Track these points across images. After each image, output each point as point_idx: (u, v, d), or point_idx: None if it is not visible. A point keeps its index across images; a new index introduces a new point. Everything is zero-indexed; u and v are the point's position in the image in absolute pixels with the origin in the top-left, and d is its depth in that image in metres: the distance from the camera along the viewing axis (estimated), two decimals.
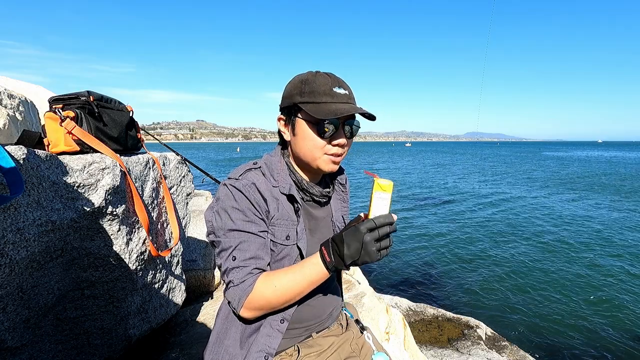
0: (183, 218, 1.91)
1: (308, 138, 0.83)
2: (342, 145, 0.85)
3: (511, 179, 21.26)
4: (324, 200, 0.94)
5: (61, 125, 1.17)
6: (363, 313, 1.99)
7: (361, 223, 0.73)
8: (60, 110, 1.19)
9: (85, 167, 1.15)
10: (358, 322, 1.08)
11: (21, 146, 0.96)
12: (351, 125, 0.85)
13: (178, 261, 1.86)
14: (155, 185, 1.57)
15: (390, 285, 5.91)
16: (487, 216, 11.07)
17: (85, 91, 1.29)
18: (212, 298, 2.45)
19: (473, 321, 3.61)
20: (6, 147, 0.88)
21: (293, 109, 0.85)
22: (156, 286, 1.64)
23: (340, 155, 0.86)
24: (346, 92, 0.83)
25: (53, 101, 1.24)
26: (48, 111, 1.21)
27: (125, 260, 1.33)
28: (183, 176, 1.91)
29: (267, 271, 0.82)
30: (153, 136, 2.44)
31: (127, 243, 1.34)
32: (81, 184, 1.14)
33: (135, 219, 1.38)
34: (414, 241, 8.39)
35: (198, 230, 2.82)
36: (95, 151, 1.24)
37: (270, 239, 0.85)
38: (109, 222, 1.25)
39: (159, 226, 1.60)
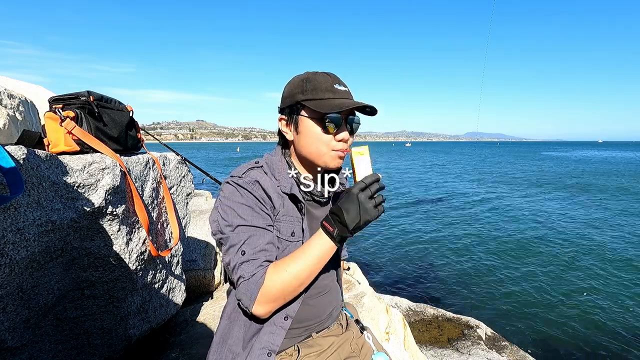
0: (183, 218, 1.91)
1: (313, 134, 0.85)
2: (346, 140, 0.87)
3: (511, 180, 21.27)
4: (324, 200, 0.95)
5: (61, 125, 1.17)
6: (363, 313, 1.99)
7: (351, 187, 0.77)
8: (60, 110, 1.19)
9: (85, 167, 1.15)
10: (358, 322, 1.09)
11: (21, 146, 0.96)
12: (352, 121, 0.87)
13: (178, 261, 1.86)
14: (155, 185, 1.57)
15: (390, 285, 5.91)
16: (487, 217, 11.07)
17: (85, 91, 1.29)
18: (212, 298, 2.45)
19: (473, 321, 3.61)
20: (6, 147, 0.88)
21: (295, 108, 0.86)
22: (156, 286, 1.64)
23: (345, 150, 0.88)
24: (346, 89, 0.87)
25: (53, 101, 1.24)
26: (48, 111, 1.21)
27: (125, 260, 1.33)
28: (183, 176, 1.91)
29: (274, 262, 0.82)
30: (153, 136, 2.44)
31: (127, 243, 1.34)
32: (81, 184, 1.14)
33: (135, 219, 1.38)
34: (414, 241, 8.39)
35: (198, 230, 2.82)
36: (95, 151, 1.24)
37: (275, 235, 0.86)
38: (109, 222, 1.25)
39: (159, 226, 1.60)
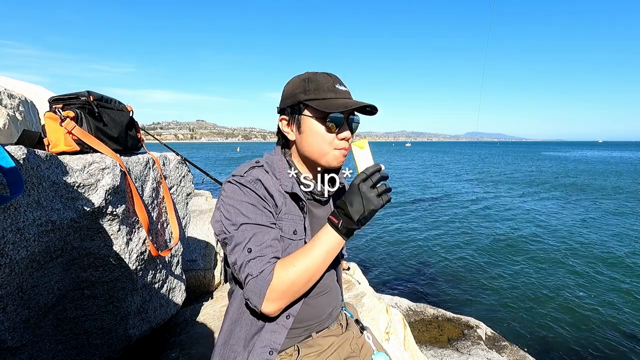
0: (183, 218, 1.91)
1: (316, 134, 0.85)
2: (348, 139, 0.88)
3: (510, 180, 21.26)
4: (324, 199, 0.95)
5: (61, 125, 1.17)
6: (363, 313, 1.99)
7: (353, 179, 0.78)
8: (60, 110, 1.19)
9: (85, 167, 1.15)
10: (358, 322, 1.09)
11: (21, 146, 0.96)
12: (352, 121, 0.88)
13: (178, 261, 1.86)
14: (155, 185, 1.57)
15: (390, 285, 5.91)
16: (487, 217, 11.07)
17: (85, 91, 1.29)
18: (212, 298, 2.45)
19: (473, 321, 3.61)
20: (6, 147, 0.88)
21: (297, 108, 0.87)
22: (156, 286, 1.64)
23: (346, 149, 0.89)
24: (347, 89, 0.88)
25: (53, 101, 1.24)
26: (48, 111, 1.21)
27: (125, 260, 1.33)
28: (183, 176, 1.91)
29: (281, 258, 0.82)
30: (153, 136, 2.44)
31: (127, 243, 1.34)
32: (81, 184, 1.14)
33: (135, 219, 1.38)
34: (414, 241, 8.39)
35: (198, 230, 2.82)
36: (95, 151, 1.24)
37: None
38: (109, 222, 1.25)
39: (159, 226, 1.60)
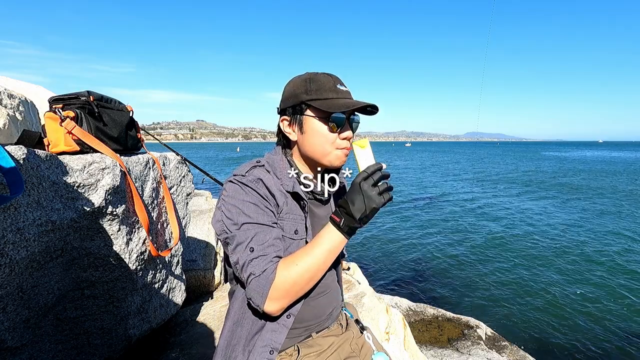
0: (183, 218, 1.91)
1: (319, 134, 0.86)
2: (349, 138, 0.89)
3: (510, 180, 21.26)
4: (325, 198, 0.95)
5: (61, 125, 1.17)
6: (363, 313, 1.99)
7: (355, 177, 0.78)
8: (60, 110, 1.19)
9: (85, 167, 1.15)
10: (358, 322, 1.09)
11: (21, 146, 0.96)
12: (353, 121, 0.89)
13: (178, 261, 1.86)
14: (155, 185, 1.57)
15: (390, 285, 5.91)
16: (487, 217, 11.07)
17: (85, 91, 1.29)
18: (212, 298, 2.45)
19: (473, 321, 3.61)
20: (6, 147, 0.88)
21: (299, 108, 0.87)
22: (156, 286, 1.64)
23: (348, 148, 0.89)
24: (347, 89, 0.89)
25: (53, 101, 1.24)
26: (48, 111, 1.21)
27: (125, 260, 1.33)
28: (183, 176, 1.91)
29: (284, 257, 0.82)
30: (153, 136, 2.44)
31: (127, 243, 1.34)
32: (81, 184, 1.14)
33: (135, 219, 1.38)
34: (414, 241, 8.39)
35: (198, 230, 2.82)
36: (95, 151, 1.24)
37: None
38: (109, 222, 1.25)
39: (159, 226, 1.60)
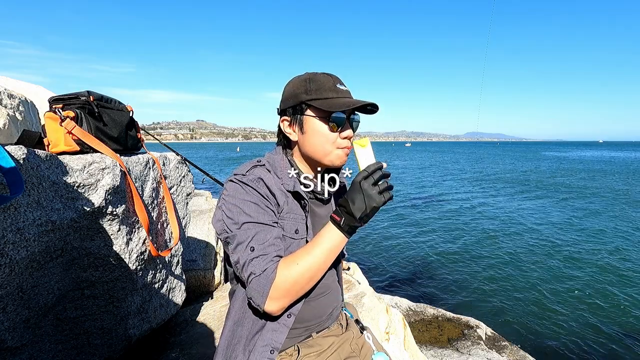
0: (183, 218, 1.91)
1: (319, 133, 0.86)
2: (350, 137, 0.89)
3: (509, 181, 21.26)
4: (326, 198, 0.95)
5: (61, 125, 1.17)
6: (363, 313, 1.99)
7: (355, 176, 0.78)
8: (60, 110, 1.19)
9: (85, 167, 1.15)
10: (358, 322, 1.09)
11: (21, 146, 0.96)
12: (353, 120, 0.89)
13: (178, 261, 1.86)
14: (155, 185, 1.57)
15: (390, 285, 5.91)
16: (486, 217, 11.07)
17: (85, 91, 1.29)
18: (212, 298, 2.45)
19: (473, 321, 3.61)
20: (6, 147, 0.88)
21: (299, 108, 0.87)
22: (156, 286, 1.64)
23: (348, 147, 0.89)
24: (347, 89, 0.89)
25: (53, 101, 1.24)
26: (48, 111, 1.21)
27: (125, 260, 1.33)
28: (183, 176, 1.91)
29: (284, 257, 0.82)
30: (153, 136, 2.44)
31: (127, 243, 1.34)
32: (81, 184, 1.14)
33: (135, 219, 1.38)
34: (414, 241, 8.39)
35: (198, 230, 2.82)
36: (95, 151, 1.24)
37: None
38: (109, 222, 1.25)
39: (159, 226, 1.60)
